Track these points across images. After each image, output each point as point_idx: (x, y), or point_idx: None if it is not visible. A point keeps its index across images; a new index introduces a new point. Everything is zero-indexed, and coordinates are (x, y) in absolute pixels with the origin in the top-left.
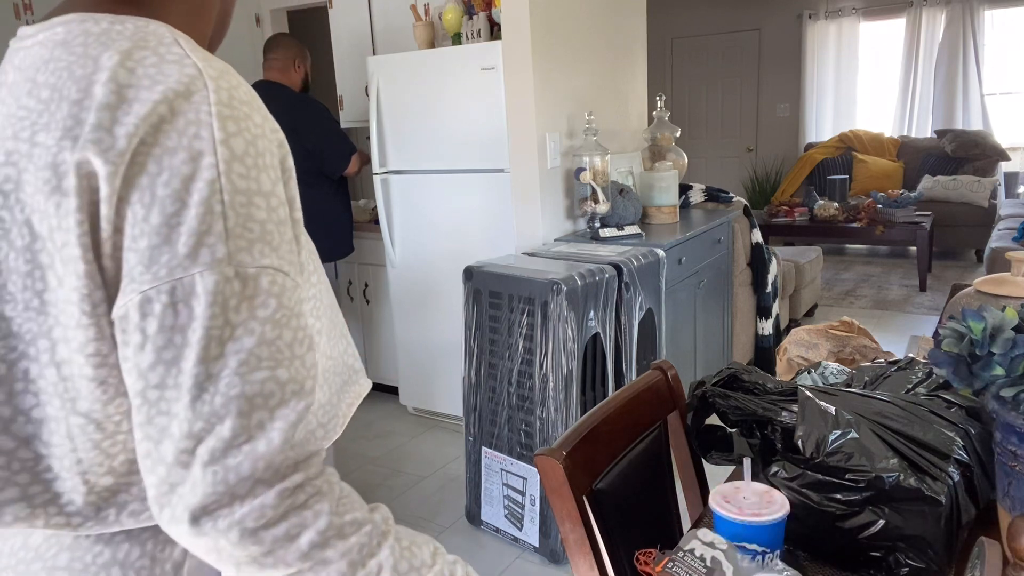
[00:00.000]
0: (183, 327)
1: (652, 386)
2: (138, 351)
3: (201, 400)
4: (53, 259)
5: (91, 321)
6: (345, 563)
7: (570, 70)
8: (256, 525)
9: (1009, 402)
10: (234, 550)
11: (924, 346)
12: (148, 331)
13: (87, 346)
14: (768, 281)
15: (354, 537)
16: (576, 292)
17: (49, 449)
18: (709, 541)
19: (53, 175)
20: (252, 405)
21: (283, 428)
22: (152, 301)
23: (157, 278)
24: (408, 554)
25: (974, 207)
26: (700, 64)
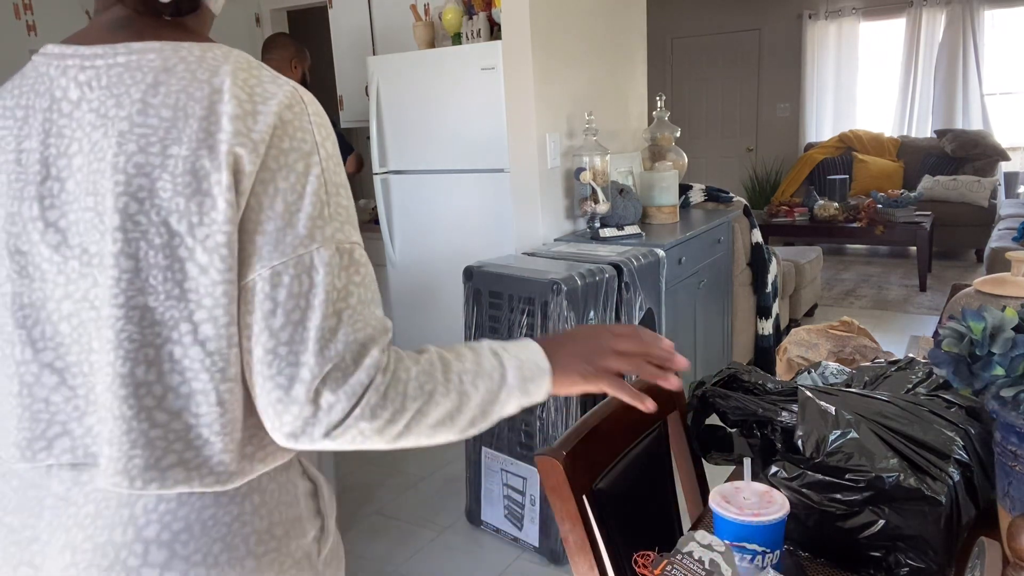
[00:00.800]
0: (307, 293)
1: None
2: (269, 316)
3: (327, 349)
4: (193, 251)
5: (232, 299)
6: (437, 382)
7: (570, 70)
8: (377, 401)
9: (1009, 402)
10: (372, 424)
11: (924, 346)
12: (279, 298)
13: (232, 320)
14: (768, 281)
15: (428, 367)
16: (576, 292)
17: (198, 419)
18: (707, 543)
19: (193, 179)
20: (362, 346)
21: (374, 351)
22: (281, 274)
23: (284, 255)
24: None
25: (974, 207)
26: (700, 64)
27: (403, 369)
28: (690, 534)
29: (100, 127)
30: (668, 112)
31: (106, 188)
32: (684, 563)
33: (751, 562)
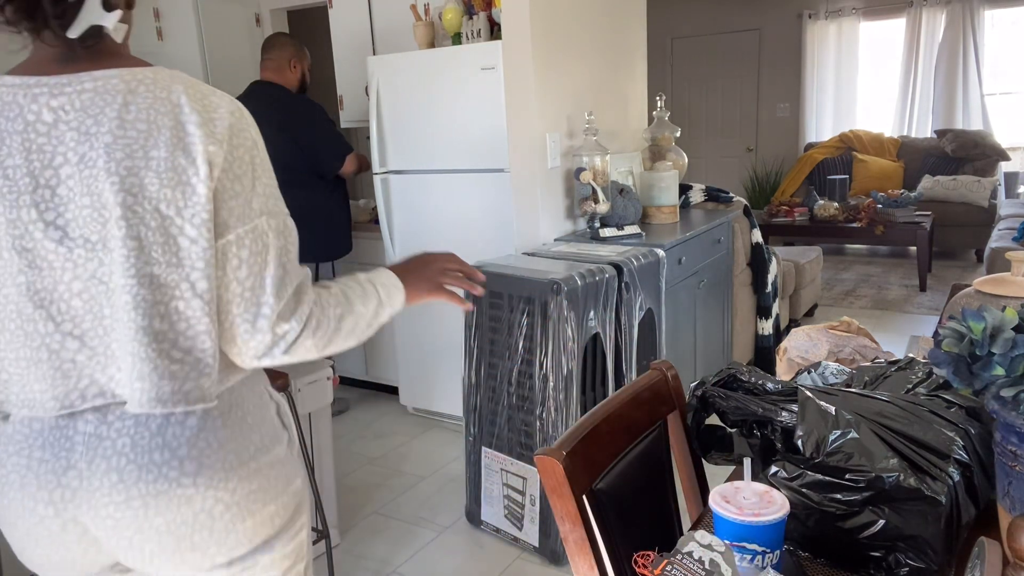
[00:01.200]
0: (263, 252)
1: (652, 386)
2: (237, 268)
3: (281, 292)
4: (182, 228)
5: (213, 258)
6: (343, 306)
7: (570, 70)
8: (315, 323)
9: (1009, 402)
10: (314, 339)
11: (924, 346)
12: (243, 256)
13: (214, 274)
14: (768, 281)
15: (338, 296)
16: (576, 292)
17: (204, 353)
18: (707, 543)
19: (174, 174)
20: (301, 288)
21: (309, 291)
22: (243, 238)
23: (245, 224)
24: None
25: (974, 207)
26: (700, 64)
27: (325, 300)
28: (690, 534)
29: (84, 142)
30: (668, 112)
31: (103, 188)
32: (684, 563)
33: (751, 562)
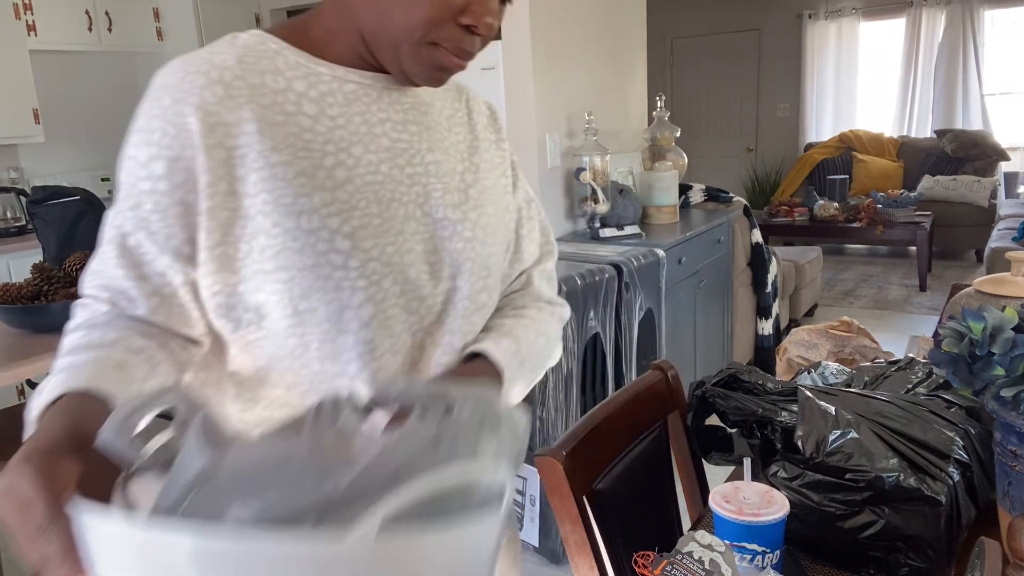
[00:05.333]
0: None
1: (652, 386)
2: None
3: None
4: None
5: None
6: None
7: (570, 70)
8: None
9: (1009, 402)
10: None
11: (924, 346)
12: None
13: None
14: (768, 281)
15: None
16: (576, 292)
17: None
18: (707, 543)
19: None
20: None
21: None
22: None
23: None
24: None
25: (974, 207)
26: (700, 64)
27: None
28: (690, 534)
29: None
30: (668, 112)
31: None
32: (684, 563)
33: (751, 562)
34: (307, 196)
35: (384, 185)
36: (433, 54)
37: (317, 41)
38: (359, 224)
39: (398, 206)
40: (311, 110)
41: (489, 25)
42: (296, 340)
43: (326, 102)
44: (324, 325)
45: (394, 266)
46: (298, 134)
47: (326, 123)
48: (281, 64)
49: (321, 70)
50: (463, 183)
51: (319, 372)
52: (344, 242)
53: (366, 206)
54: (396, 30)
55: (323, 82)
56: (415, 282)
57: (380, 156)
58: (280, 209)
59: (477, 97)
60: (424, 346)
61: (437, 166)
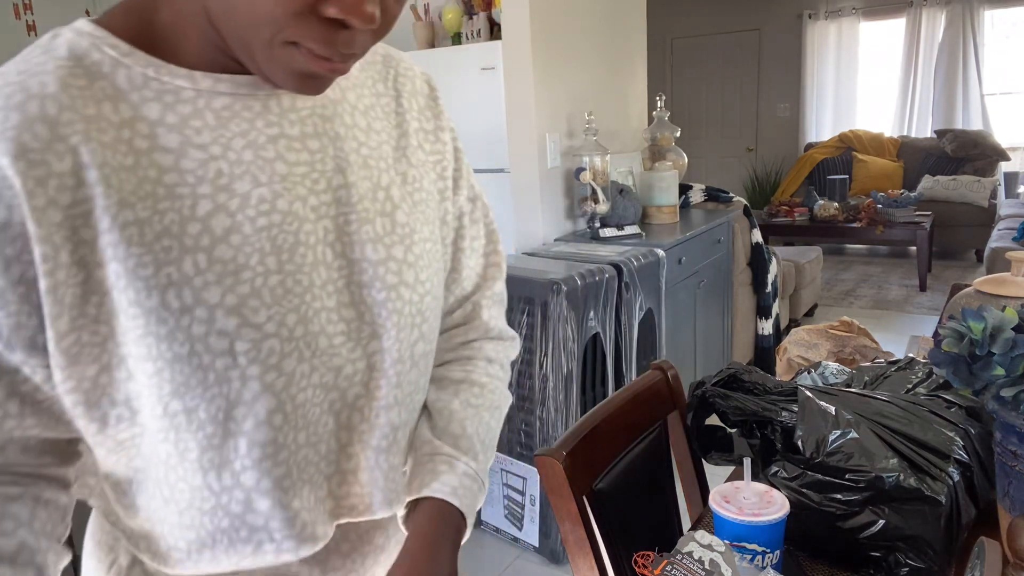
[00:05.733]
0: None
1: (652, 386)
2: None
3: None
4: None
5: None
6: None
7: (570, 70)
8: None
9: (1009, 402)
10: None
11: (924, 346)
12: None
13: None
14: (768, 281)
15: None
16: (576, 292)
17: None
18: (707, 543)
19: None
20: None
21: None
22: None
23: None
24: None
25: (974, 207)
26: (700, 64)
27: None
28: (690, 534)
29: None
30: (668, 112)
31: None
32: (684, 563)
33: (751, 562)
34: (174, 264)
35: (283, 227)
36: (293, 57)
37: (166, 34)
38: (249, 291)
39: (304, 251)
40: (172, 142)
41: (367, 16)
42: (170, 447)
43: (191, 127)
44: (207, 428)
45: (298, 339)
46: (157, 178)
47: (195, 156)
48: (123, 82)
49: (180, 83)
50: (387, 205)
51: (201, 487)
52: (228, 320)
53: (259, 262)
54: (240, 25)
55: (184, 100)
56: (328, 352)
57: (275, 189)
58: (137, 284)
59: (410, 70)
60: (352, 426)
61: (350, 189)
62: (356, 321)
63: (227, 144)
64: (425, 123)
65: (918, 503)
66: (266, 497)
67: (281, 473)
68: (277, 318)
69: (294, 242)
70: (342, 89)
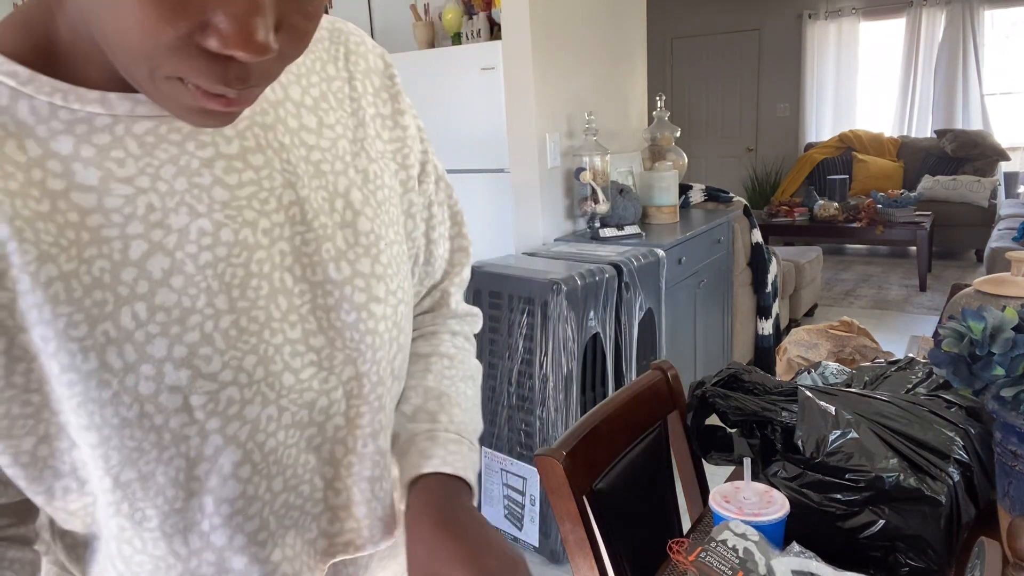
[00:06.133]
0: None
1: (652, 386)
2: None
3: None
4: None
5: None
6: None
7: (570, 70)
8: None
9: (1009, 402)
10: None
11: (924, 346)
12: None
13: None
14: (768, 281)
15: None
16: (576, 292)
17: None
18: (741, 532)
19: None
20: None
21: None
22: None
23: None
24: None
25: (974, 207)
26: (700, 64)
27: None
28: (724, 523)
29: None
30: (668, 112)
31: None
32: (718, 551)
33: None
34: (110, 319)
35: (230, 260)
36: (181, 93)
37: (70, 52)
38: (198, 338)
39: (258, 283)
40: (91, 178)
41: (258, 46)
42: (123, 520)
43: (112, 159)
44: (168, 492)
45: (259, 382)
46: (79, 223)
47: (120, 192)
48: (27, 115)
49: (93, 110)
50: (348, 215)
51: (166, 554)
52: (179, 373)
53: (206, 304)
54: (116, 57)
55: (100, 129)
56: (296, 388)
57: (216, 218)
58: (71, 347)
59: (362, 44)
60: (336, 460)
61: (303, 205)
62: (327, 348)
63: (155, 174)
64: (382, 107)
65: (918, 503)
66: (241, 554)
67: (255, 527)
68: (234, 364)
69: (245, 275)
70: (283, 86)
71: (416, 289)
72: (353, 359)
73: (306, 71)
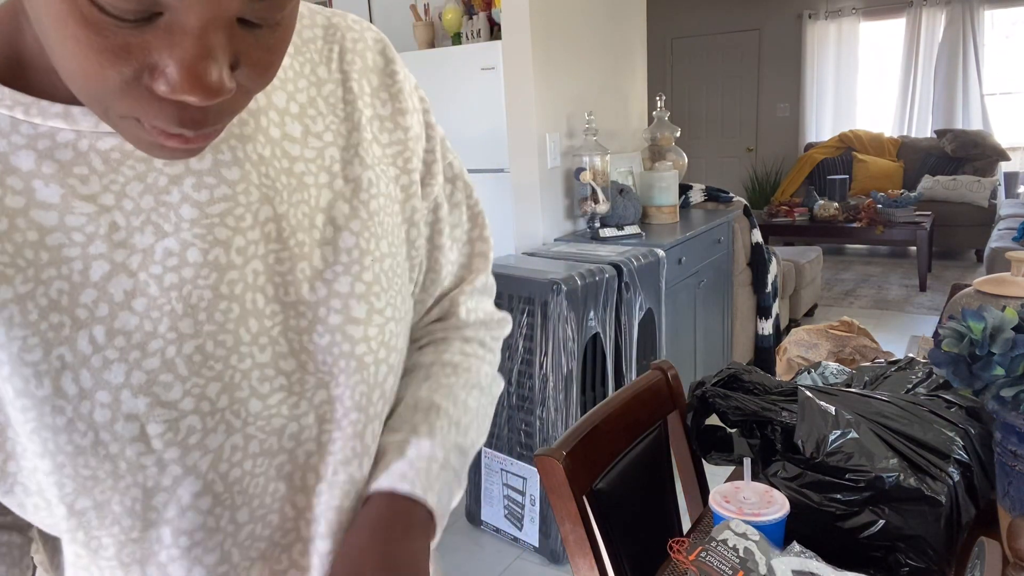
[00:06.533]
0: None
1: (652, 386)
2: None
3: None
4: None
5: None
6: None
7: (570, 70)
8: None
9: (1009, 402)
10: None
11: (924, 346)
12: None
13: None
14: (768, 281)
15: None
16: (576, 292)
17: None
18: (742, 532)
19: None
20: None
21: None
22: None
23: None
24: None
25: (974, 207)
26: (700, 64)
27: None
28: (725, 523)
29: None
30: (668, 112)
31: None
32: (719, 550)
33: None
34: (66, 343)
35: (197, 282)
36: (138, 131)
37: (35, 63)
38: (159, 364)
39: (227, 305)
40: (52, 196)
41: (209, 88)
42: (79, 548)
43: (75, 176)
44: (124, 521)
45: (223, 410)
46: (38, 242)
47: (83, 210)
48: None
49: (55, 124)
50: (328, 231)
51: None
52: (136, 401)
53: (169, 328)
54: (72, 88)
55: (63, 144)
56: (263, 415)
57: (183, 238)
58: (25, 372)
59: (360, 41)
60: (308, 488)
61: (280, 222)
62: (298, 372)
63: (121, 191)
64: (380, 108)
65: (918, 503)
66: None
67: (215, 559)
68: (196, 391)
69: (213, 297)
70: (266, 93)
71: (421, 297)
72: (326, 383)
73: (293, 75)
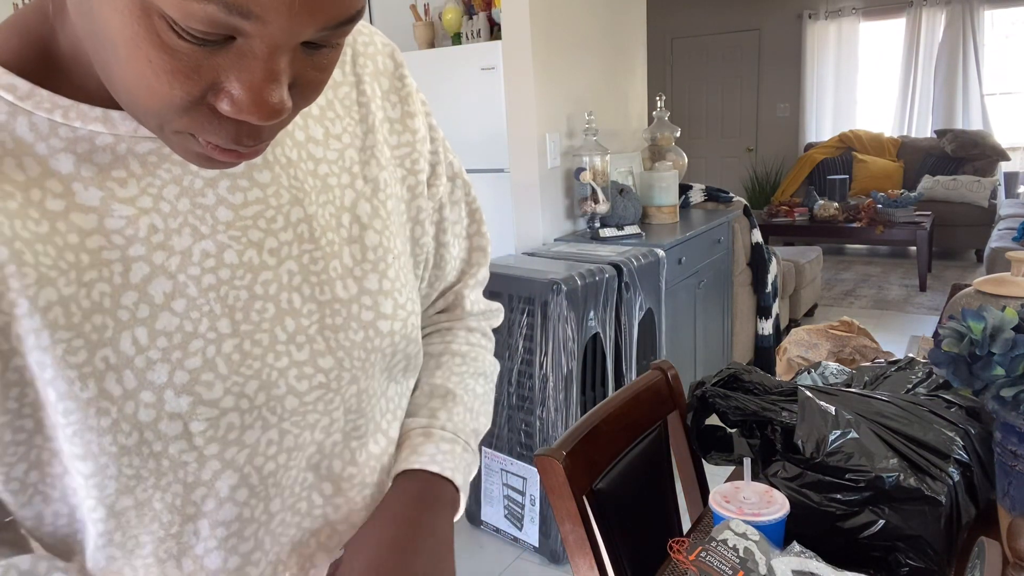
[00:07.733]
0: None
1: (652, 386)
2: None
3: None
4: None
5: None
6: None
7: (570, 70)
8: None
9: (1009, 402)
10: None
11: (924, 346)
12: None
13: None
14: (768, 281)
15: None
16: (576, 292)
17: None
18: (742, 532)
19: None
20: None
21: None
22: None
23: None
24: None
25: (974, 207)
26: (700, 64)
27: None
28: (725, 523)
29: None
30: (668, 112)
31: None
32: (719, 550)
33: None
34: (109, 344)
35: (233, 283)
36: (188, 146)
37: (70, 66)
38: (200, 363)
39: (262, 305)
40: (92, 199)
41: (271, 110)
42: (114, 550)
43: (113, 179)
44: (164, 518)
45: (260, 407)
46: (78, 244)
47: (122, 213)
48: (26, 132)
49: (94, 128)
50: (355, 229)
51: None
52: (180, 400)
53: (209, 328)
54: (123, 103)
55: (102, 148)
56: (299, 411)
57: (220, 240)
58: (69, 374)
59: (371, 44)
60: (335, 475)
61: (311, 222)
62: (336, 370)
63: (158, 194)
64: (391, 110)
65: (918, 503)
66: (234, 575)
67: (250, 547)
68: (235, 389)
69: (248, 297)
70: None
71: (426, 292)
72: (357, 378)
73: None
